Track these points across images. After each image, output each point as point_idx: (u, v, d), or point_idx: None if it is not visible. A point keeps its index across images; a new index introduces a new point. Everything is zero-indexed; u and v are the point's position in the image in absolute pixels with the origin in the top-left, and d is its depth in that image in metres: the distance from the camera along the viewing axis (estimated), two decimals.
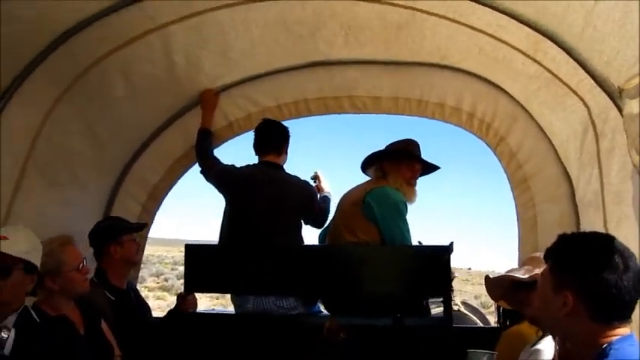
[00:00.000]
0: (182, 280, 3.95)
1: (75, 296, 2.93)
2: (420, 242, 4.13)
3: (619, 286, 1.65)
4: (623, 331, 1.68)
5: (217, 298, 15.12)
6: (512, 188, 4.15)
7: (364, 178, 4.06)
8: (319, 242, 4.15)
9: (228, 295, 4.15)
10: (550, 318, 1.79)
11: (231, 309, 4.04)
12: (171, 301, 14.90)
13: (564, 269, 1.75)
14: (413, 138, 4.02)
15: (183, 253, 3.79)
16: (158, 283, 26.56)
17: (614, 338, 1.66)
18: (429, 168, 4.04)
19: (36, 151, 3.29)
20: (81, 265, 2.92)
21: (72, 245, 2.95)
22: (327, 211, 4.10)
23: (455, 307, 4.90)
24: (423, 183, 4.08)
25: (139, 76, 3.70)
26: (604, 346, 1.64)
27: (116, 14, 3.13)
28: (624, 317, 1.70)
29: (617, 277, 1.66)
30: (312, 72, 4.13)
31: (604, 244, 1.73)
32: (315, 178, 4.26)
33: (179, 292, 3.99)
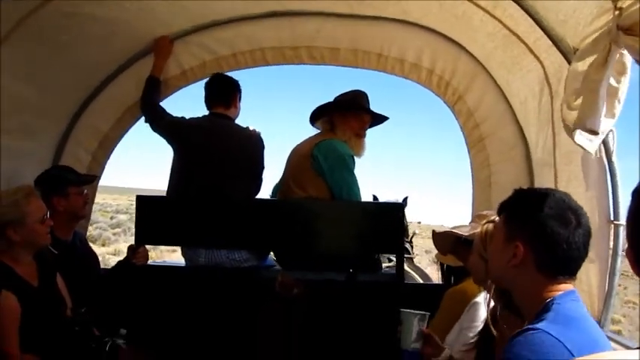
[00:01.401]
0: (115, 230, 3.88)
1: (36, 249, 2.89)
2: (374, 196, 4.14)
3: (569, 241, 1.68)
4: (567, 286, 1.70)
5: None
6: (468, 147, 4.16)
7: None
8: (271, 196, 4.12)
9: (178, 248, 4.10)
10: (498, 268, 1.81)
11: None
12: None
13: (518, 220, 1.77)
14: (361, 89, 3.99)
15: (130, 202, 3.71)
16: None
17: (558, 293, 1.68)
18: (378, 119, 4.02)
19: None
20: (44, 216, 2.86)
21: (35, 196, 2.88)
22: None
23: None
24: (372, 134, 4.08)
25: (89, 19, 3.52)
26: (547, 300, 1.67)
27: None
28: (570, 273, 1.72)
29: (569, 231, 1.68)
30: (271, 22, 4.01)
31: (559, 200, 1.74)
32: None
33: (106, 242, 3.91)
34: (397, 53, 4.10)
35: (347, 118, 3.86)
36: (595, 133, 2.39)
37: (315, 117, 3.98)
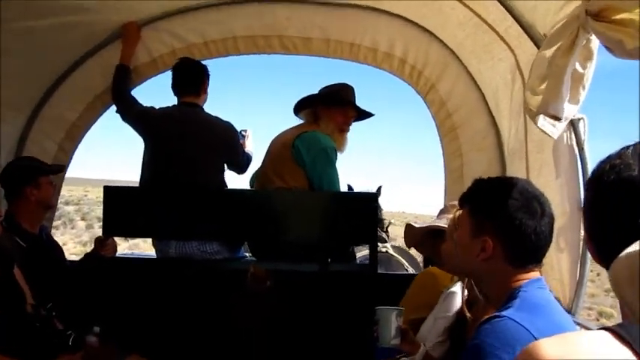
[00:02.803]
0: (60, 221, 3.79)
1: None
2: (349, 185, 4.11)
3: (537, 231, 1.68)
4: (533, 274, 1.71)
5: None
6: (440, 137, 4.16)
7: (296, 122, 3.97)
8: (250, 186, 4.07)
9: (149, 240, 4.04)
10: (467, 262, 1.80)
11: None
12: None
13: (484, 214, 1.75)
14: (347, 82, 3.94)
15: (84, 194, 3.64)
16: None
17: (525, 281, 1.69)
18: (363, 114, 3.98)
19: None
20: None
21: None
22: (250, 159, 4.01)
23: (383, 250, 4.94)
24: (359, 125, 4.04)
25: (55, 4, 3.42)
26: (514, 289, 1.67)
27: None
28: (538, 261, 1.74)
29: (536, 222, 1.68)
30: (242, 9, 3.95)
31: (522, 190, 1.74)
32: (244, 136, 4.11)
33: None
34: (369, 43, 4.07)
35: (332, 111, 3.80)
36: (557, 118, 2.39)
37: (299, 108, 3.92)
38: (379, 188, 3.86)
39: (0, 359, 2.56)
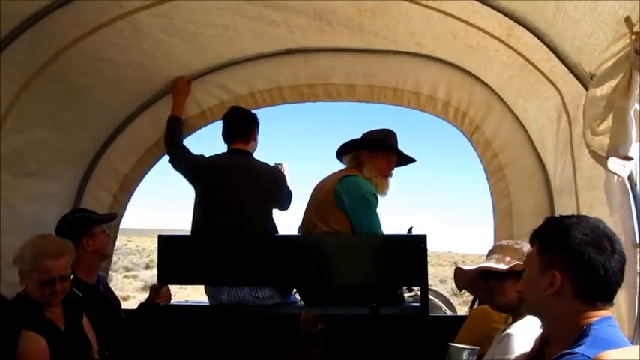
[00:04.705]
0: None
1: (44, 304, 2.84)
2: (410, 229, 4.05)
3: (606, 267, 1.69)
4: (604, 312, 1.72)
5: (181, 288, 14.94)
6: (487, 177, 4.16)
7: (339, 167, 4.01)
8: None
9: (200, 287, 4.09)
10: (536, 298, 1.81)
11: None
12: None
13: (553, 249, 1.78)
14: (390, 128, 3.99)
15: (124, 243, 3.72)
16: None
17: (595, 319, 1.69)
18: (405, 160, 4.01)
19: (1, 141, 3.17)
20: (48, 280, 2.78)
21: (45, 257, 2.79)
22: (290, 195, 4.04)
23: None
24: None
25: (108, 62, 3.61)
26: (584, 326, 1.67)
27: None
28: (608, 299, 1.73)
29: (605, 258, 1.70)
30: (286, 59, 4.08)
31: (593, 226, 1.76)
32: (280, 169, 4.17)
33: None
34: (412, 86, 4.14)
35: (375, 156, 3.83)
36: (629, 159, 2.38)
37: (342, 152, 3.96)
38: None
39: None
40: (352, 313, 3.52)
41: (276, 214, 3.94)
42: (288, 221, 4.13)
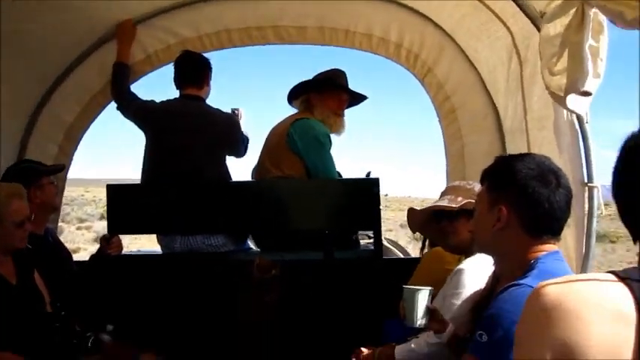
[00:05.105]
0: None
1: (11, 251, 2.77)
2: (368, 172, 4.05)
3: (551, 200, 1.72)
4: (551, 247, 1.75)
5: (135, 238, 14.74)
6: (439, 119, 4.16)
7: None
8: (252, 178, 4.07)
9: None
10: (485, 235, 1.84)
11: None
12: None
13: (500, 185, 1.81)
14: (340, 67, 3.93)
15: (81, 194, 3.63)
16: None
17: (542, 253, 1.72)
18: (357, 98, 3.98)
19: None
20: (24, 220, 2.74)
21: (19, 198, 2.75)
22: (246, 140, 3.98)
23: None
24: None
25: (48, 6, 3.41)
26: (532, 260, 1.71)
27: None
28: (554, 233, 1.77)
29: (550, 191, 1.72)
30: (234, 2, 3.95)
31: (539, 162, 1.78)
32: (236, 115, 4.08)
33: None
34: (364, 29, 4.06)
35: (324, 97, 3.79)
36: (588, 93, 2.39)
37: (293, 96, 3.91)
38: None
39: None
40: (306, 258, 3.53)
41: (231, 160, 3.89)
42: (246, 166, 4.07)
